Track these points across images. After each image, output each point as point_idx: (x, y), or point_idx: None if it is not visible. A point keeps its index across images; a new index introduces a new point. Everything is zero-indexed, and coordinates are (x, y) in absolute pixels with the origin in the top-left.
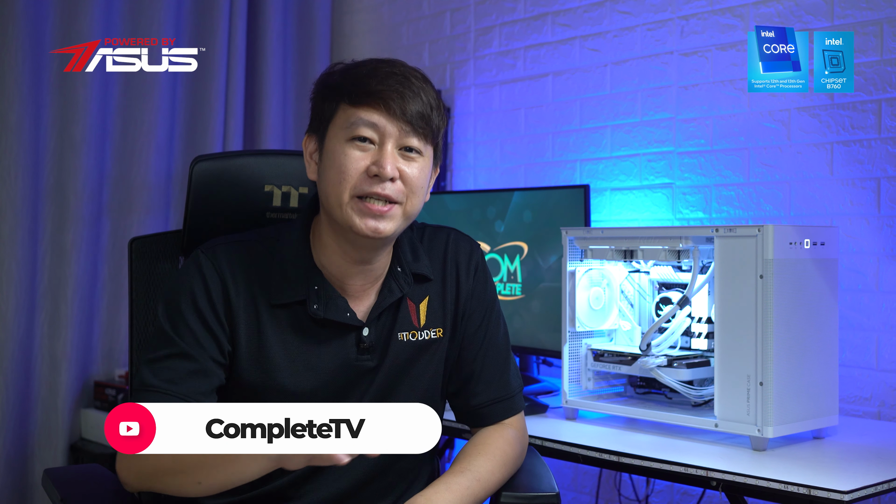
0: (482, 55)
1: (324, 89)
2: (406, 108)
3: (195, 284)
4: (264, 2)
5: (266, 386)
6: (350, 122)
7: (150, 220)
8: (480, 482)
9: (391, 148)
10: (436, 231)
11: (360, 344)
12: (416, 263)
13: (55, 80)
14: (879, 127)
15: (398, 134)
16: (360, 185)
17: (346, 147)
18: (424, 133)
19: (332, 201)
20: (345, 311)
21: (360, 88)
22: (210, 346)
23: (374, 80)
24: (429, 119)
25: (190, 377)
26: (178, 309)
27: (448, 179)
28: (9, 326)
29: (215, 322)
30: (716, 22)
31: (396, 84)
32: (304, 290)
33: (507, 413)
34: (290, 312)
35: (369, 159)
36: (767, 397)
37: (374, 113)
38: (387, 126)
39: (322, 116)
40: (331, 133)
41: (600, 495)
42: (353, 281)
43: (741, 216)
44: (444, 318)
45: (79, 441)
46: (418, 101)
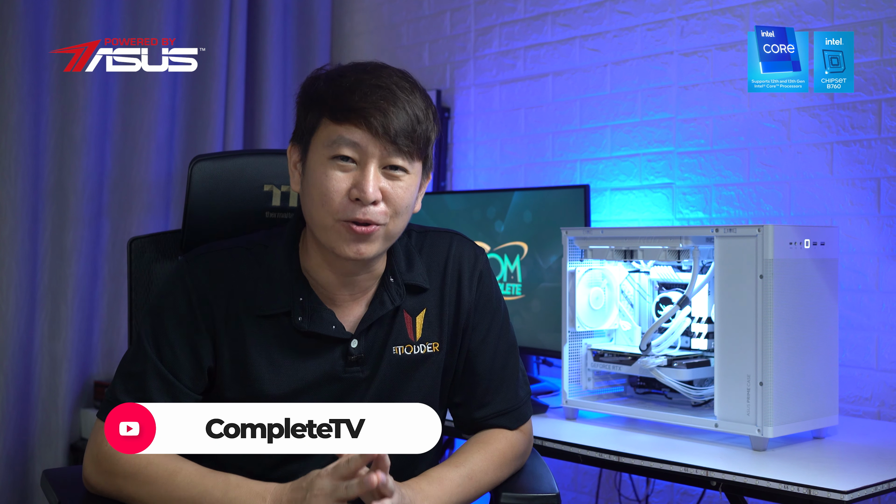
0: (482, 55)
1: (307, 99)
2: (389, 125)
3: (178, 298)
4: (264, 2)
5: (250, 398)
6: (332, 140)
7: (149, 219)
8: (472, 480)
9: (374, 168)
10: (437, 237)
11: (348, 356)
12: (410, 273)
13: (55, 80)
14: (879, 127)
15: (381, 153)
16: (342, 210)
17: (327, 167)
18: (409, 151)
19: (316, 223)
20: (330, 324)
21: (342, 104)
22: (187, 364)
23: (356, 94)
24: (414, 135)
25: (161, 397)
26: (160, 321)
27: (448, 179)
28: (9, 326)
29: (196, 336)
30: (716, 22)
31: (380, 100)
32: (290, 302)
33: (512, 424)
34: (276, 323)
35: (350, 181)
36: (767, 397)
37: (356, 131)
38: (369, 146)
39: (305, 127)
40: (313, 147)
41: (600, 495)
42: (341, 291)
43: (741, 216)
44: (441, 331)
45: (79, 441)
46: (402, 115)
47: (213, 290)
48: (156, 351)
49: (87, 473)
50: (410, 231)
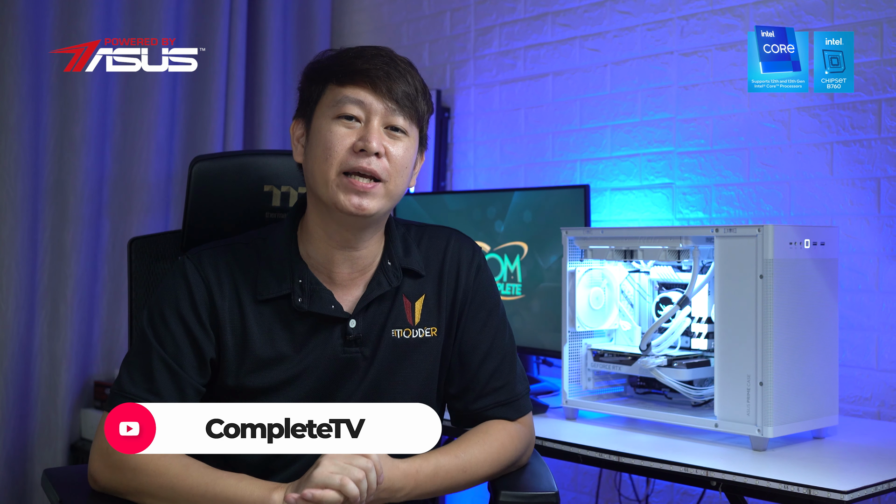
0: (482, 55)
1: (311, 73)
2: (392, 87)
3: (179, 290)
4: (264, 2)
5: (252, 384)
6: (337, 101)
7: (149, 220)
8: (466, 473)
9: (377, 125)
10: (436, 231)
11: (347, 336)
12: (407, 259)
13: (55, 80)
14: (879, 127)
15: (384, 112)
16: (346, 160)
17: (332, 125)
18: (410, 114)
19: (318, 179)
20: (329, 304)
21: (348, 68)
22: (190, 355)
23: (360, 59)
24: (415, 100)
25: (166, 386)
26: (162, 315)
27: (448, 179)
28: (9, 326)
29: (199, 329)
30: (716, 22)
31: (383, 64)
32: (289, 285)
33: (513, 415)
34: (276, 307)
35: (355, 136)
36: (767, 397)
37: (360, 91)
38: (373, 103)
39: (310, 99)
40: (318, 113)
41: (600, 495)
42: (339, 269)
43: (741, 216)
44: (439, 316)
45: (79, 441)
46: (404, 81)
47: (215, 282)
48: (159, 342)
49: (93, 469)
50: (409, 225)
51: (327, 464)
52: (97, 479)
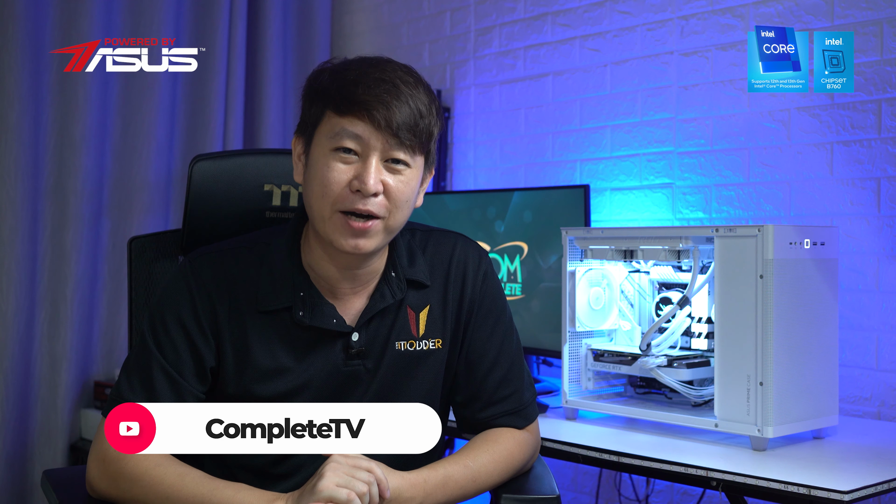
0: (482, 55)
1: (311, 92)
2: (392, 119)
3: (181, 296)
4: (264, 2)
5: (252, 395)
6: (334, 133)
7: (149, 219)
8: (476, 482)
9: (375, 161)
10: (442, 236)
11: (349, 349)
12: (412, 269)
13: (55, 80)
14: (879, 127)
15: (383, 146)
16: (342, 200)
17: (329, 159)
18: (411, 145)
19: (315, 213)
20: (331, 318)
21: (346, 97)
22: (190, 362)
23: (360, 87)
24: (416, 129)
25: (165, 395)
26: (163, 321)
27: (448, 179)
28: (9, 326)
29: (199, 337)
30: (716, 22)
31: (383, 93)
32: (291, 297)
33: (521, 423)
34: (277, 319)
35: (352, 172)
36: (767, 397)
37: (358, 123)
38: (371, 138)
39: (309, 120)
40: (316, 139)
41: (600, 495)
42: (342, 284)
43: (741, 216)
44: (444, 327)
45: (79, 441)
46: (405, 109)
47: (216, 290)
48: (159, 349)
49: (91, 477)
50: (414, 230)
51: (331, 475)
52: (94, 487)
